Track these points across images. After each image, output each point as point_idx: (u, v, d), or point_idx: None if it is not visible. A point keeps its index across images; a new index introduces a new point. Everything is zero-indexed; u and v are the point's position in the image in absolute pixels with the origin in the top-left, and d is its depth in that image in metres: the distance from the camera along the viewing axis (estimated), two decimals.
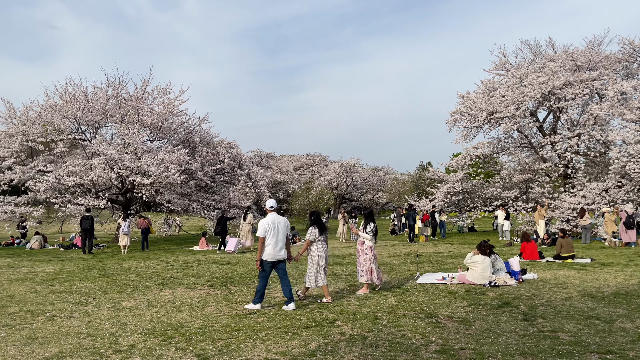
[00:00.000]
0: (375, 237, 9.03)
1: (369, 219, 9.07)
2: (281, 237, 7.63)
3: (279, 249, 7.58)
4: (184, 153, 21.59)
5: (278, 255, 7.59)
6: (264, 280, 7.64)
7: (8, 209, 20.36)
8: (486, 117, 24.22)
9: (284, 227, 7.71)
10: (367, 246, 8.97)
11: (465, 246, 18.71)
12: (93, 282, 10.57)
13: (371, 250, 8.95)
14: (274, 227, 7.55)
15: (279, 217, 7.74)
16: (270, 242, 7.52)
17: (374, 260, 8.96)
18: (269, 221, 7.56)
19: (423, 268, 12.05)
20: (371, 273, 8.89)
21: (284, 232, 7.69)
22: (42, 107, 21.49)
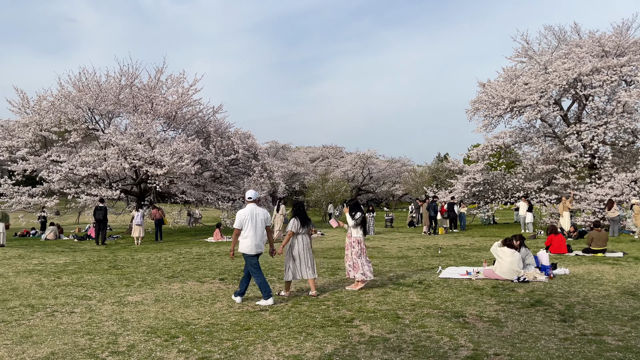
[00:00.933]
0: (364, 228, 8.38)
1: (354, 209, 8.39)
2: (260, 229, 7.29)
3: (259, 241, 7.27)
4: (197, 143, 21.20)
5: (259, 247, 7.31)
6: (258, 273, 7.28)
7: (23, 199, 20.21)
8: (508, 105, 23.41)
9: (262, 218, 7.35)
10: (353, 239, 8.34)
11: (487, 239, 18.04)
12: (101, 274, 10.19)
13: (358, 243, 8.26)
14: (252, 218, 7.23)
15: (258, 208, 7.41)
16: (249, 235, 7.21)
17: (361, 254, 8.26)
18: (246, 213, 7.25)
19: (445, 262, 11.46)
20: (355, 269, 8.25)
21: (263, 224, 7.35)
22: (55, 96, 21.25)
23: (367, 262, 8.29)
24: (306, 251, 7.85)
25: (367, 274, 8.19)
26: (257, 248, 7.26)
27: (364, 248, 8.33)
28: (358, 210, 8.41)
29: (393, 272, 10.06)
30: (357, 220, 8.26)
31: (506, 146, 25.25)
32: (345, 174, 56.90)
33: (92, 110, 21.97)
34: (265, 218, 7.41)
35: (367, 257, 8.38)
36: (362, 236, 8.36)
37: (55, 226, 22.32)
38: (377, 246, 15.72)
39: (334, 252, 14.04)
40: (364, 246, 8.36)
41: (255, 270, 7.29)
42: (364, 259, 8.25)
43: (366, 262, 8.26)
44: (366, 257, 8.33)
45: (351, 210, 8.37)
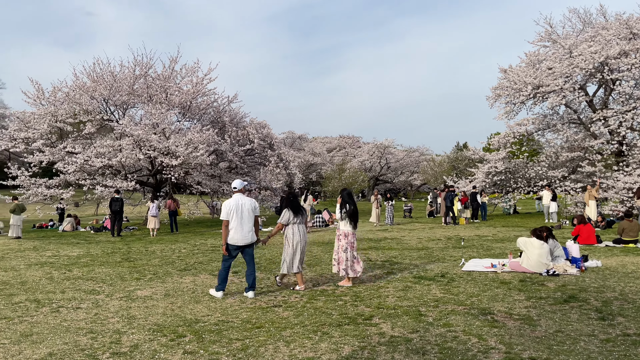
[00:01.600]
0: (355, 222, 7.86)
1: (345, 201, 7.92)
2: (246, 220, 6.99)
3: (245, 232, 6.97)
4: (212, 133, 20.90)
5: (245, 239, 6.98)
6: (226, 264, 7.06)
7: (39, 191, 20.17)
8: (531, 91, 22.64)
9: (249, 208, 7.05)
10: (340, 231, 7.89)
11: (510, 229, 17.46)
12: (113, 267, 9.95)
13: (345, 236, 7.77)
14: (237, 209, 6.95)
15: (244, 198, 7.13)
16: (233, 226, 6.92)
17: (348, 249, 7.78)
18: (231, 203, 6.99)
19: (467, 253, 10.98)
20: (340, 263, 7.78)
21: (250, 214, 7.04)
22: (70, 87, 21.13)
23: (354, 257, 7.80)
24: (303, 243, 7.59)
25: (350, 270, 7.71)
26: (244, 239, 6.97)
27: (351, 242, 7.84)
28: (350, 201, 7.95)
29: (413, 264, 9.63)
30: (342, 214, 7.81)
31: (529, 133, 24.50)
32: (362, 164, 56.36)
33: (107, 101, 21.81)
34: (253, 207, 7.11)
35: (355, 252, 7.89)
36: (351, 229, 7.87)
37: (72, 218, 22.31)
38: (396, 237, 15.28)
39: None
40: (352, 240, 7.87)
41: (227, 260, 7.06)
42: (350, 254, 7.76)
43: (353, 258, 7.78)
44: (353, 253, 7.84)
45: (343, 202, 7.92)
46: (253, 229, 7.10)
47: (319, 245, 13.44)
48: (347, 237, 7.80)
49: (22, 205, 17.97)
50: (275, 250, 12.28)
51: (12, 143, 20.74)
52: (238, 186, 7.16)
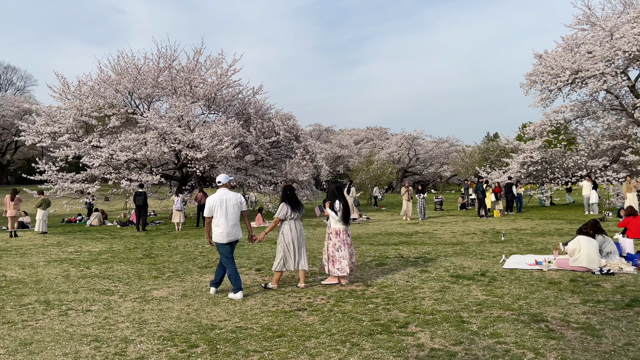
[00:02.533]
0: (346, 219, 7.27)
1: (335, 195, 7.31)
2: (232, 216, 6.68)
3: (231, 228, 6.65)
4: (237, 125, 20.47)
5: (231, 235, 6.67)
6: (231, 263, 6.70)
7: (66, 186, 20.10)
8: (569, 76, 21.48)
9: (234, 203, 6.73)
10: (331, 229, 7.31)
11: (548, 222, 16.51)
12: (132, 264, 9.56)
13: (337, 234, 7.24)
14: (221, 205, 6.65)
15: (229, 193, 6.82)
16: (218, 222, 6.63)
17: (341, 247, 7.22)
18: (215, 199, 6.70)
19: (507, 249, 10.22)
20: (330, 262, 7.21)
21: (235, 210, 6.73)
22: (94, 81, 20.97)
23: (348, 255, 7.23)
24: (300, 239, 7.15)
25: (344, 268, 7.14)
26: (229, 236, 6.65)
27: (345, 240, 7.28)
28: (341, 196, 7.35)
29: (449, 261, 8.93)
30: (336, 211, 7.21)
31: (567, 121, 23.31)
32: (390, 155, 55.39)
33: (131, 94, 21.59)
34: (238, 202, 6.77)
35: (351, 250, 7.34)
36: (343, 227, 7.28)
37: (99, 212, 22.24)
38: (428, 231, 14.55)
39: (380, 238, 12.98)
40: (346, 237, 7.30)
41: (226, 260, 6.70)
42: (346, 252, 7.22)
43: (348, 256, 7.21)
44: (349, 251, 7.29)
45: (332, 197, 7.33)
46: (239, 225, 6.78)
47: None
48: (339, 234, 7.25)
49: (48, 200, 17.89)
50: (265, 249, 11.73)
51: (38, 138, 20.70)
52: (223, 180, 6.84)
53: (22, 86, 65.89)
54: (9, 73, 64.33)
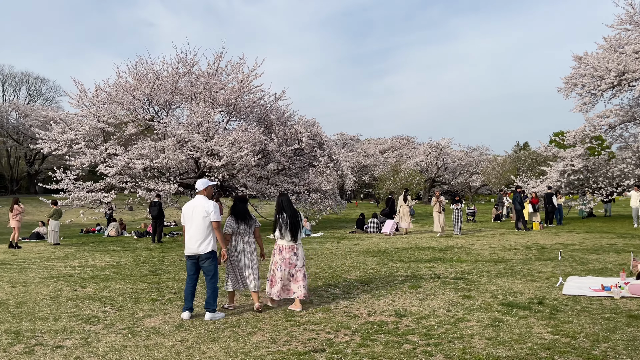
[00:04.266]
0: (294, 233, 6.35)
1: (281, 208, 6.49)
2: (196, 227, 5.99)
3: (194, 242, 5.99)
4: (257, 131, 19.50)
5: (192, 249, 6.02)
6: (188, 281, 6.15)
7: (81, 195, 19.40)
8: (614, 78, 19.91)
9: (199, 213, 5.99)
10: (276, 245, 6.53)
11: (596, 236, 14.97)
12: (134, 282, 8.54)
13: (280, 251, 6.43)
14: (187, 213, 6.07)
15: (201, 200, 6.08)
16: (186, 233, 6.09)
17: (282, 267, 6.38)
18: (187, 206, 6.15)
19: (559, 267, 8.86)
20: (272, 284, 6.43)
21: (200, 221, 5.98)
22: (112, 86, 20.31)
23: (289, 278, 6.39)
24: (246, 256, 6.38)
25: (275, 292, 6.39)
26: (190, 249, 6.04)
27: (287, 259, 6.35)
28: (288, 208, 6.48)
29: (495, 283, 7.64)
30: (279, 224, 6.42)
31: (611, 127, 21.65)
32: (417, 164, 53.85)
33: (150, 100, 20.86)
34: (205, 212, 5.98)
35: (295, 270, 6.40)
36: (287, 243, 6.42)
37: (117, 222, 21.52)
38: (464, 245, 13.22)
39: (411, 254, 11.72)
40: (290, 256, 6.38)
41: (187, 274, 6.15)
42: (285, 274, 6.38)
43: (289, 277, 6.39)
44: (291, 271, 6.38)
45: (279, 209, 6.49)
46: (205, 239, 5.98)
47: (373, 254, 11.60)
48: (282, 251, 6.42)
49: (60, 211, 17.15)
50: (323, 262, 10.55)
51: (55, 146, 20.11)
52: (199, 186, 6.17)
53: (51, 97, 66.68)
54: (38, 84, 65.16)
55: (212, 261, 6.07)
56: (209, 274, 6.09)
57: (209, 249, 5.99)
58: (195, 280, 6.18)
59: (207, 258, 6.01)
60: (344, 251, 12.58)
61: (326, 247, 13.80)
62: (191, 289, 6.15)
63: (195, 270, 6.14)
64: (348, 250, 12.85)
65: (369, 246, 13.66)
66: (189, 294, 6.10)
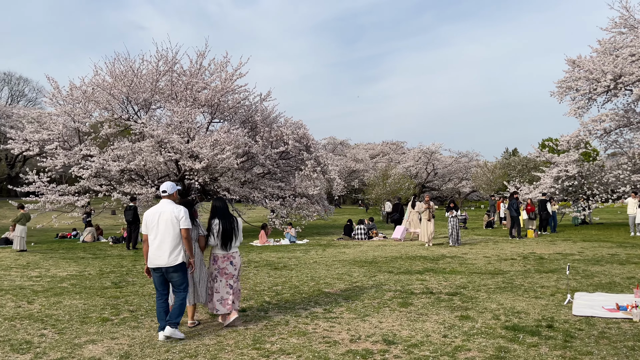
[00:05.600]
0: (226, 241, 5.76)
1: (215, 213, 5.87)
2: (163, 234, 5.30)
3: (162, 252, 5.27)
4: (241, 133, 18.59)
5: (158, 259, 5.28)
6: (158, 297, 5.44)
7: (54, 198, 18.33)
8: (610, 81, 19.33)
9: (168, 219, 5.32)
10: (212, 254, 5.91)
11: (594, 245, 14.24)
12: (89, 297, 7.58)
13: (214, 261, 5.83)
14: (154, 219, 5.36)
15: (169, 205, 5.43)
16: (150, 241, 5.36)
17: (218, 277, 5.77)
18: (150, 212, 5.47)
19: (562, 281, 8.06)
20: (212, 299, 5.82)
21: (167, 227, 5.31)
22: (87, 84, 19.29)
23: (227, 290, 5.75)
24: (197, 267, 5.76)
25: (215, 305, 5.73)
26: (157, 259, 5.29)
27: (223, 269, 5.79)
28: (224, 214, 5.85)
29: (495, 301, 6.80)
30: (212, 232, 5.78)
31: (606, 132, 21.04)
32: (407, 170, 53.17)
33: (129, 99, 19.86)
34: (175, 218, 5.32)
35: (232, 281, 5.77)
36: (221, 252, 5.81)
37: (93, 227, 20.51)
38: (457, 254, 12.40)
39: (401, 264, 10.87)
40: (226, 265, 5.75)
41: (156, 290, 5.45)
42: (223, 285, 5.75)
43: (226, 291, 5.74)
44: (229, 282, 5.78)
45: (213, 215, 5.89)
46: (176, 248, 5.29)
47: (360, 265, 10.73)
48: (217, 261, 5.81)
49: (28, 215, 16.12)
50: (305, 273, 9.65)
51: (26, 146, 19.05)
52: (168, 190, 5.53)
53: (34, 97, 65.09)
54: (21, 84, 63.68)
55: (182, 273, 5.37)
56: (180, 287, 5.40)
57: (179, 260, 5.32)
58: (166, 296, 5.49)
59: (176, 270, 5.32)
60: (329, 260, 11.71)
61: (310, 255, 12.91)
62: (164, 306, 5.43)
63: (165, 284, 5.44)
64: (333, 259, 11.98)
65: (356, 255, 12.79)
66: (162, 312, 5.37)
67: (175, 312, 5.33)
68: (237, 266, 5.91)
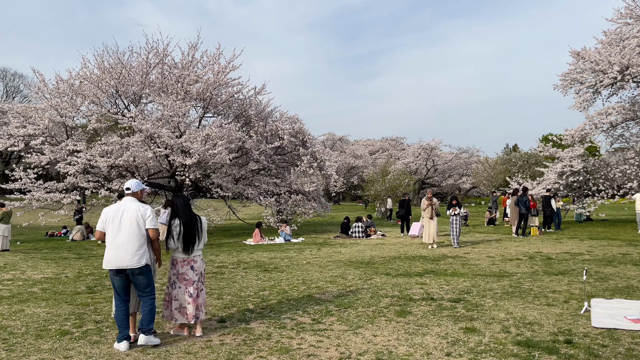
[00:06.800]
0: (187, 244, 5.18)
1: (176, 212, 5.32)
2: (126, 233, 4.90)
3: (124, 252, 4.85)
4: (233, 127, 17.88)
5: (121, 261, 4.84)
6: (119, 303, 4.95)
7: (39, 195, 17.62)
8: (617, 73, 18.64)
9: (132, 217, 4.94)
10: (172, 258, 5.31)
11: (603, 243, 13.56)
12: (56, 304, 6.91)
13: (173, 265, 5.27)
14: (115, 217, 4.94)
15: (134, 203, 5.03)
16: (108, 240, 4.92)
17: (176, 283, 5.22)
18: (110, 210, 5.07)
19: (574, 285, 7.38)
20: (166, 305, 5.28)
21: (133, 226, 4.91)
22: (74, 77, 18.55)
23: (187, 297, 5.18)
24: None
25: (173, 314, 5.18)
26: (117, 261, 4.84)
27: (182, 274, 5.23)
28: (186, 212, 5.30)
29: (503, 309, 6.12)
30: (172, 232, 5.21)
31: (613, 125, 20.34)
32: (407, 166, 52.48)
33: (119, 92, 19.13)
34: (140, 217, 4.93)
35: (187, 289, 5.22)
36: (181, 255, 5.23)
37: (83, 226, 19.88)
38: (459, 254, 11.71)
39: (399, 265, 10.19)
40: (187, 270, 5.23)
41: (115, 294, 4.98)
42: (183, 292, 5.19)
43: (186, 298, 5.17)
44: (189, 290, 5.20)
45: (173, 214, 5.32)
46: (140, 248, 4.88)
47: (356, 266, 10.04)
48: (176, 265, 5.27)
49: (9, 213, 15.45)
50: (296, 276, 8.96)
51: (10, 141, 18.34)
52: (132, 187, 5.15)
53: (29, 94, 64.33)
54: (16, 80, 62.90)
55: (148, 275, 4.90)
56: (146, 290, 4.92)
57: (143, 261, 4.90)
58: (128, 302, 4.99)
59: (142, 272, 4.92)
60: (323, 261, 11.03)
61: (304, 255, 12.23)
62: (125, 313, 4.93)
63: (126, 289, 5.00)
64: (328, 259, 11.30)
65: (353, 254, 12.11)
66: (123, 320, 4.93)
67: (147, 319, 4.91)
68: (199, 271, 5.29)
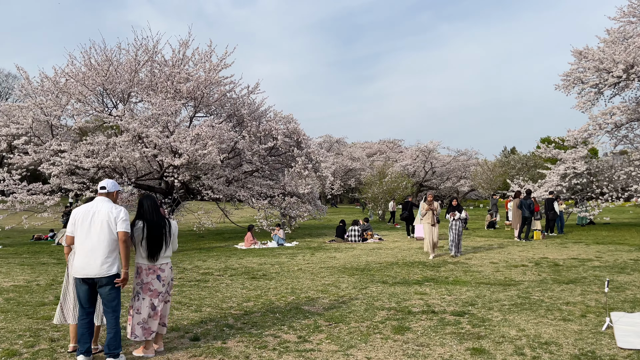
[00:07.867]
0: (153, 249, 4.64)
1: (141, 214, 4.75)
2: (95, 238, 4.40)
3: (93, 259, 4.37)
4: (225, 127, 17.20)
5: (89, 268, 4.36)
6: (83, 315, 4.47)
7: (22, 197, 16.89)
8: (622, 72, 18.06)
9: (103, 220, 4.43)
10: (137, 265, 4.75)
11: (610, 248, 12.91)
12: (15, 318, 6.21)
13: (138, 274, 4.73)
14: (85, 219, 4.43)
15: (106, 204, 4.54)
16: (77, 245, 4.45)
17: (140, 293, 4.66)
18: (79, 211, 4.55)
19: (588, 296, 6.70)
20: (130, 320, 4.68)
21: (104, 230, 4.41)
22: (60, 74, 17.85)
23: (149, 310, 4.62)
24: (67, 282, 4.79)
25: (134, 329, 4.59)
26: (85, 269, 4.38)
27: (147, 284, 4.66)
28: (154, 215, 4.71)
29: (513, 325, 5.43)
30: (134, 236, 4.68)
31: (617, 126, 19.74)
32: (405, 168, 51.83)
33: (106, 90, 18.43)
34: (111, 219, 4.43)
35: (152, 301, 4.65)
36: (146, 263, 4.69)
37: None
38: (460, 260, 11.04)
39: (397, 272, 9.50)
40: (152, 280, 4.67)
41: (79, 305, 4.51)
42: (146, 304, 4.62)
43: (148, 312, 4.61)
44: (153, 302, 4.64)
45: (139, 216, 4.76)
46: (110, 255, 4.41)
47: (350, 272, 9.36)
48: (140, 274, 4.70)
49: None
50: (284, 284, 8.26)
51: None
52: (108, 187, 4.67)
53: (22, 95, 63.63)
54: (9, 81, 62.07)
55: (114, 287, 4.45)
56: (111, 305, 4.46)
57: (113, 270, 4.42)
58: (92, 314, 4.49)
59: (110, 282, 4.43)
60: (316, 267, 10.34)
61: (296, 260, 11.54)
62: (87, 326, 4.49)
63: (91, 300, 4.52)
64: (321, 265, 10.61)
65: (348, 260, 11.42)
66: (85, 333, 4.46)
67: (113, 343, 4.39)
68: (166, 281, 4.69)
